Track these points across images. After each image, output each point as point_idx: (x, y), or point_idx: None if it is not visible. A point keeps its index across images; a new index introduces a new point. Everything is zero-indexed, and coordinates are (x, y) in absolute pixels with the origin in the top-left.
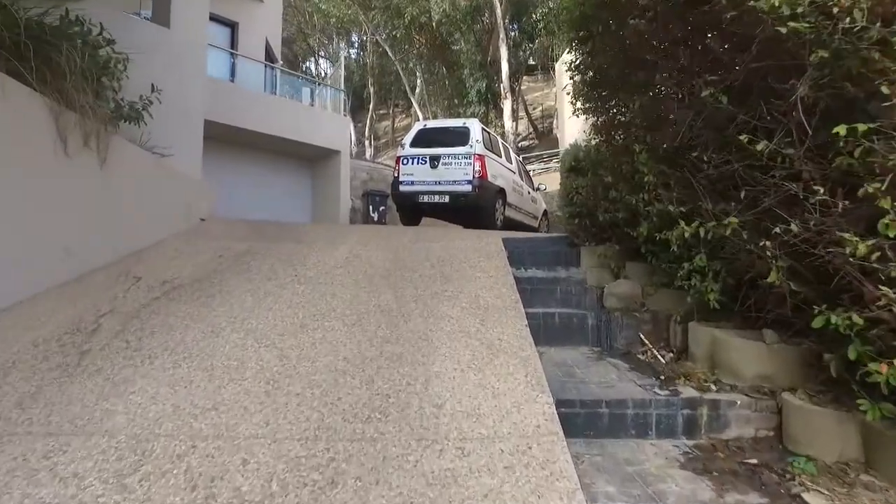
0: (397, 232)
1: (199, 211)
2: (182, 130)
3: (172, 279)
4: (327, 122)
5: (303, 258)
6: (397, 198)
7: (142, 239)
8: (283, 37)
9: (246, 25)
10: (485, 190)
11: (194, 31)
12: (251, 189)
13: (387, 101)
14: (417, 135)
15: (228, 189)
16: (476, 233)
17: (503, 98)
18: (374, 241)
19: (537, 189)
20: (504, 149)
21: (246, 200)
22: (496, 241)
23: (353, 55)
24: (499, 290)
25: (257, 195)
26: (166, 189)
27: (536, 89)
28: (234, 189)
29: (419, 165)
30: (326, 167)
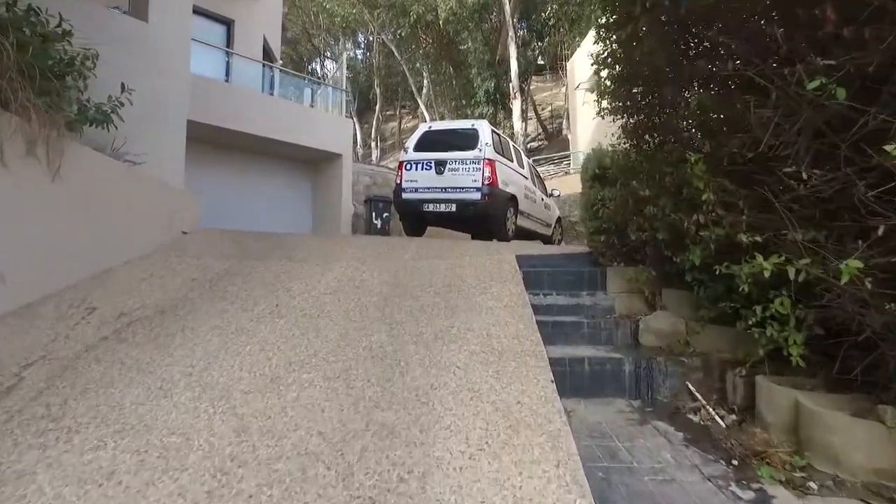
0: (399, 245)
1: (182, 223)
2: (162, 134)
3: (132, 311)
4: (328, 123)
5: (289, 281)
6: (400, 206)
7: (109, 259)
8: (288, 37)
9: (243, 23)
10: (495, 198)
11: (175, 25)
12: (247, 196)
13: (393, 102)
14: (422, 138)
15: (221, 196)
16: (486, 245)
17: (512, 98)
18: (373, 258)
19: (550, 195)
20: (515, 152)
21: (241, 208)
22: (509, 259)
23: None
24: (515, 325)
25: (253, 202)
26: (140, 201)
27: (545, 89)
28: (228, 196)
29: (424, 171)
30: (327, 172)
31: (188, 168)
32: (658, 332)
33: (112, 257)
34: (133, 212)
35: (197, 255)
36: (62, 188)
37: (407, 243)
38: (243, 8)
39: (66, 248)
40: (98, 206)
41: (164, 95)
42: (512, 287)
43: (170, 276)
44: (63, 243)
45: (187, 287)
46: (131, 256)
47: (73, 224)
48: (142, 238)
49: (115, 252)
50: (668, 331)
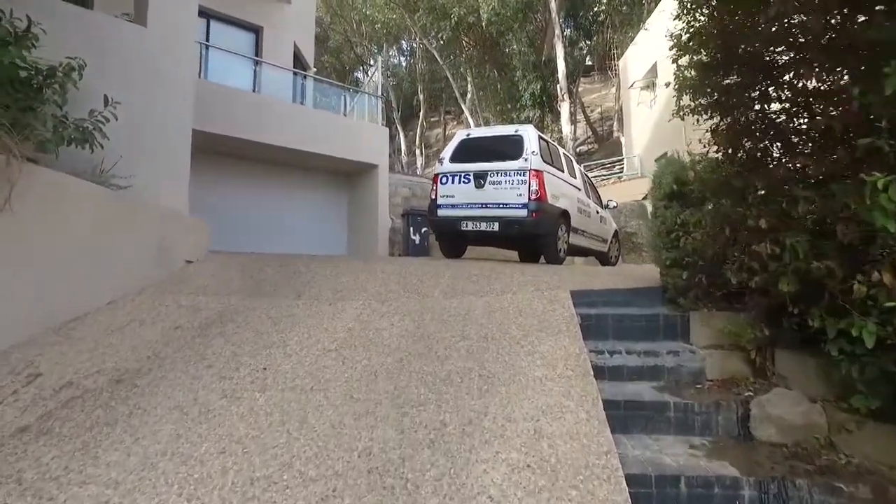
0: (431, 272)
1: (185, 251)
2: (162, 152)
3: (82, 379)
4: (363, 132)
5: (289, 330)
6: (435, 224)
7: (84, 302)
8: (331, 47)
9: (272, 29)
10: (544, 214)
11: (178, 30)
12: (277, 213)
13: (438, 109)
14: (459, 146)
15: (248, 215)
16: (534, 273)
17: (560, 100)
18: (396, 294)
19: (606, 206)
20: (566, 160)
21: (270, 226)
22: (563, 297)
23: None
24: (574, 413)
25: (284, 220)
26: (128, 231)
27: (594, 90)
28: (256, 214)
29: (461, 185)
30: (362, 184)
31: (210, 186)
32: (781, 424)
33: (89, 300)
34: (119, 244)
35: (194, 292)
36: (16, 223)
37: (441, 269)
38: (272, 14)
39: (19, 296)
40: (69, 241)
41: (164, 108)
42: (567, 342)
43: (150, 323)
44: (15, 290)
45: (165, 340)
46: (117, 296)
47: (30, 266)
48: (132, 274)
49: (93, 294)
50: (798, 422)
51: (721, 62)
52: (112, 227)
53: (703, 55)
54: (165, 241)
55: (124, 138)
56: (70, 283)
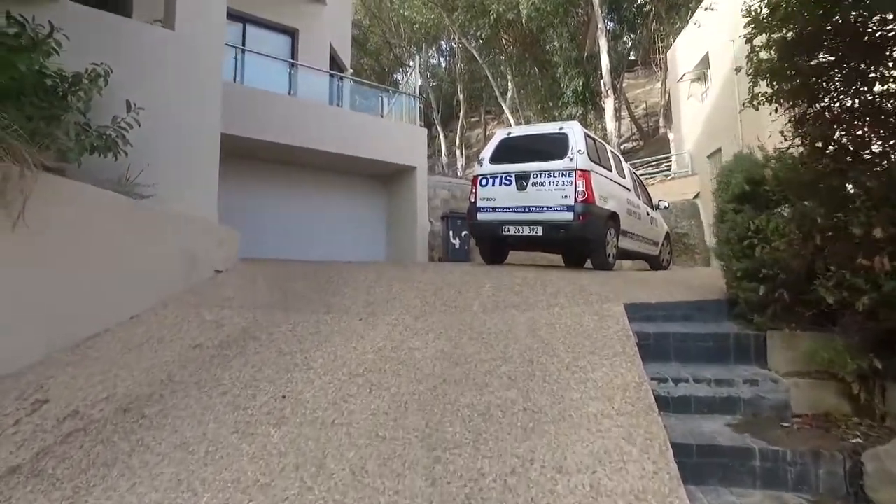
0: (471, 281)
1: (214, 261)
2: (189, 158)
3: (89, 407)
4: (401, 134)
5: (315, 349)
6: (475, 229)
7: (106, 317)
8: (370, 49)
9: (307, 31)
10: (592, 217)
11: (207, 33)
12: (312, 218)
13: (478, 108)
14: (499, 146)
15: (283, 220)
16: (581, 283)
17: (604, 96)
18: (433, 306)
19: (657, 207)
20: (614, 158)
21: (306, 232)
22: (616, 312)
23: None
24: (638, 460)
25: (320, 225)
26: (152, 241)
27: (637, 85)
28: (291, 219)
29: (502, 187)
30: (400, 187)
31: (244, 192)
32: None
33: (111, 315)
34: (144, 256)
35: (219, 305)
36: (28, 237)
37: (481, 278)
38: (308, 16)
39: (37, 313)
40: (90, 254)
41: (192, 113)
42: (624, 367)
43: (170, 340)
44: (33, 308)
45: (182, 360)
46: (141, 309)
47: (48, 282)
48: (157, 286)
49: (116, 308)
50: None
51: (810, 38)
52: (137, 238)
53: (787, 31)
54: (193, 251)
55: (151, 145)
56: (91, 298)
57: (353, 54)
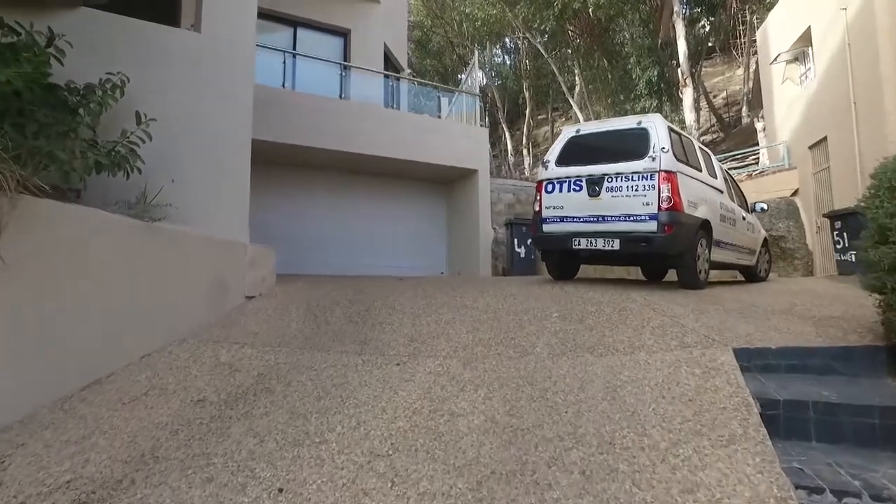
0: (534, 310)
1: (245, 286)
2: (217, 172)
3: (41, 499)
4: (460, 135)
5: (333, 412)
6: (541, 242)
7: (107, 360)
8: (432, 50)
9: (360, 32)
10: (680, 228)
11: (236, 34)
12: (365, 229)
13: (544, 105)
14: (567, 146)
15: (332, 233)
16: (670, 312)
17: (682, 86)
18: (486, 345)
19: (753, 210)
20: (703, 156)
21: (357, 245)
22: (722, 362)
23: (507, 61)
24: None
25: (372, 236)
26: (172, 269)
27: (715, 73)
28: (341, 232)
29: (571, 193)
30: (461, 192)
31: (291, 203)
32: None
33: (118, 356)
34: (160, 286)
35: (240, 342)
36: (12, 275)
37: (547, 302)
38: (360, 16)
39: (15, 362)
40: (92, 288)
41: (220, 122)
42: (751, 467)
43: (172, 392)
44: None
45: (176, 423)
46: (155, 347)
47: (30, 322)
48: (176, 319)
49: (123, 348)
50: None
51: None
52: (152, 266)
53: None
54: (220, 276)
55: (174, 159)
56: (92, 338)
57: (416, 56)
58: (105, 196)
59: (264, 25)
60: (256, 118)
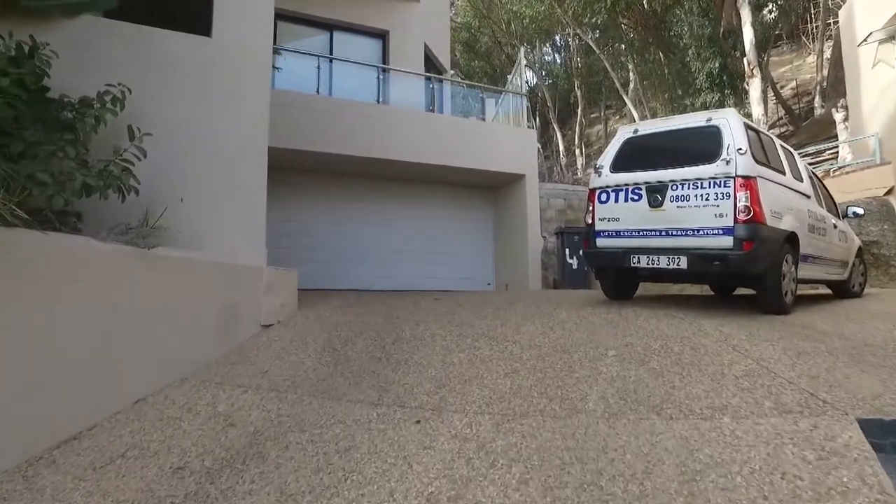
0: (587, 345)
1: (261, 313)
2: (229, 185)
3: None
4: (507, 138)
5: (330, 492)
6: (594, 259)
7: (93, 408)
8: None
9: (399, 33)
10: (762, 243)
11: (251, 37)
12: (403, 240)
13: (597, 104)
14: (623, 149)
15: (369, 244)
16: (755, 352)
17: (748, 76)
18: (527, 398)
19: (845, 215)
20: (786, 156)
21: (395, 258)
22: (845, 441)
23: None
24: None
25: (412, 248)
26: (175, 300)
27: (783, 62)
28: (378, 243)
29: (629, 203)
30: (508, 198)
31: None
32: None
33: (106, 403)
34: (160, 320)
35: (245, 384)
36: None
37: (601, 336)
38: (399, 16)
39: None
40: (75, 328)
41: (232, 133)
42: None
43: (153, 453)
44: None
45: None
46: (152, 389)
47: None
48: (179, 355)
49: (113, 394)
50: None
51: None
52: (149, 298)
53: None
54: (231, 305)
55: (182, 176)
56: (74, 385)
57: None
58: (107, 219)
59: (299, 31)
60: (287, 126)
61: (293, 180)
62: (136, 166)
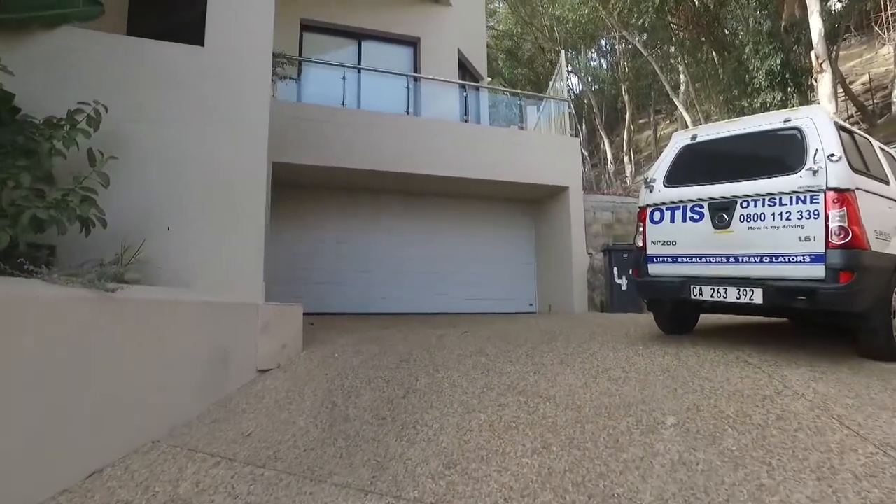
0: (640, 404)
1: (257, 357)
2: (220, 216)
3: None
4: (547, 147)
5: None
6: (646, 289)
7: (35, 486)
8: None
9: (430, 39)
10: (863, 274)
11: (249, 49)
12: (441, 258)
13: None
14: (681, 159)
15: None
16: (876, 431)
17: (817, 72)
18: (560, 482)
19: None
20: (889, 161)
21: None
22: None
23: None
24: None
25: (449, 265)
26: (148, 349)
27: (851, 56)
28: (412, 262)
29: (688, 223)
30: (549, 212)
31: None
32: None
33: (42, 484)
34: (119, 373)
35: (220, 453)
36: None
37: (655, 390)
38: (430, 22)
39: None
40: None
41: (226, 157)
42: None
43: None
44: None
45: None
46: (115, 457)
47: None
48: (144, 415)
49: (47, 473)
50: None
51: None
52: (114, 349)
53: None
54: (219, 350)
55: (168, 201)
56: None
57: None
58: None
59: (326, 41)
60: (313, 142)
61: (319, 198)
62: (118, 192)
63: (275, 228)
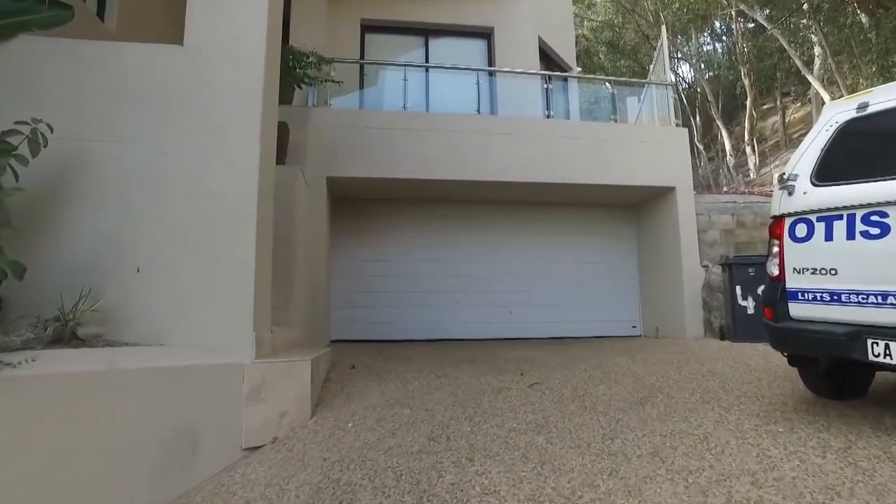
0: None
1: (243, 432)
2: (202, 253)
3: None
4: (650, 142)
5: None
6: (784, 340)
7: None
8: (625, 48)
9: (506, 29)
10: None
11: (239, 47)
12: (526, 276)
13: (770, 92)
14: (840, 139)
15: (480, 283)
16: None
17: None
18: None
19: None
20: None
21: (514, 298)
22: None
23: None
24: None
25: (535, 284)
26: (59, 442)
27: None
28: (492, 281)
29: (857, 240)
30: (654, 219)
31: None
32: None
33: None
34: (36, 474)
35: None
36: None
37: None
38: (505, 9)
39: None
40: None
41: (208, 179)
42: None
43: None
44: None
45: None
46: None
47: None
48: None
49: None
50: None
51: None
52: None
53: None
54: (183, 430)
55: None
56: None
57: (608, 58)
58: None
59: (388, 41)
60: (376, 152)
61: (378, 212)
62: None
63: (334, 249)
